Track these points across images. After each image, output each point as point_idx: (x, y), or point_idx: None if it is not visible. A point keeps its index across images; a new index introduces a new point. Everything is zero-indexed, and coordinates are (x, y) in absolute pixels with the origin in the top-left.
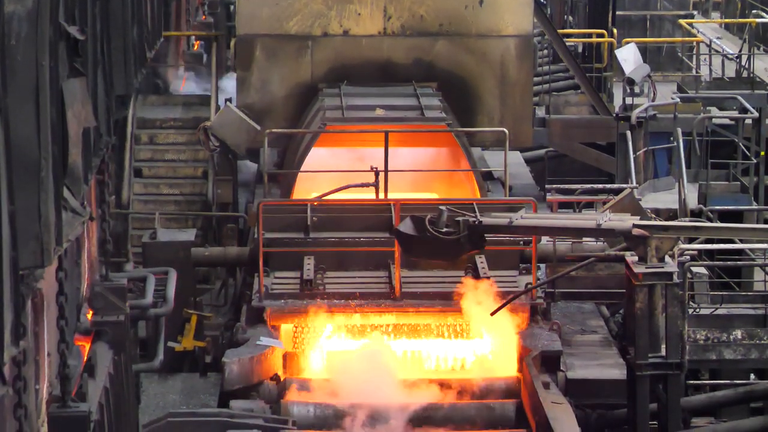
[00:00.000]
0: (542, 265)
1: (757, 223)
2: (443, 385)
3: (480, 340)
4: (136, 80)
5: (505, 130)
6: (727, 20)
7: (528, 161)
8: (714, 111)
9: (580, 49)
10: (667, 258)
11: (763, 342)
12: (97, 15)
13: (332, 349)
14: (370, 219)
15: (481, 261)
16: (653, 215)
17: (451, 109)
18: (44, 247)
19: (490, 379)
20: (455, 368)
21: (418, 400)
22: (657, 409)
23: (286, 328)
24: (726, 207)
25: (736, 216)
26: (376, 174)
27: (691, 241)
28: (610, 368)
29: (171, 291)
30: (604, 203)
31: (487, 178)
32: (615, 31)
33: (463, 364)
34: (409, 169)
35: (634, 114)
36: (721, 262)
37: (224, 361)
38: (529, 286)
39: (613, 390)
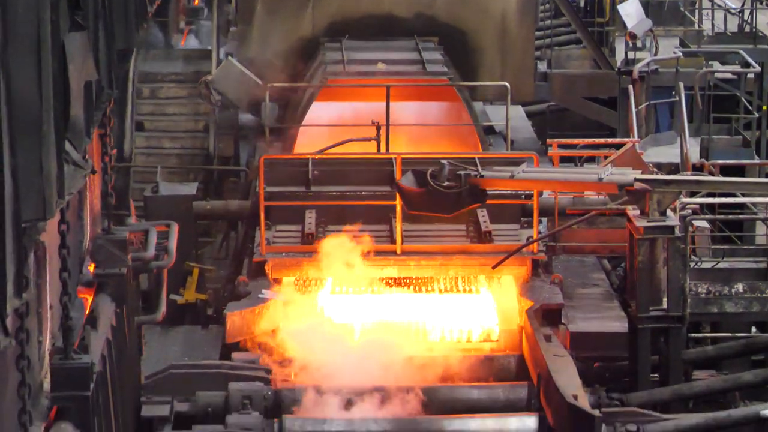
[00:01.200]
0: (544, 219)
1: (759, 177)
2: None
3: (481, 295)
4: (138, 34)
5: (506, 84)
6: None
7: (529, 115)
8: (716, 65)
9: (582, 4)
10: (669, 212)
11: (764, 295)
12: None
13: (335, 321)
14: (371, 173)
15: (482, 215)
16: (655, 169)
17: (453, 63)
18: (46, 200)
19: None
20: (461, 340)
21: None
22: (658, 362)
23: (287, 281)
24: (728, 161)
25: (738, 170)
26: (378, 128)
27: (692, 195)
28: (612, 321)
29: (173, 244)
30: (606, 157)
31: (488, 132)
32: None
33: (469, 336)
34: (410, 123)
35: (636, 68)
36: (722, 216)
37: (226, 313)
38: (531, 239)
39: (614, 343)
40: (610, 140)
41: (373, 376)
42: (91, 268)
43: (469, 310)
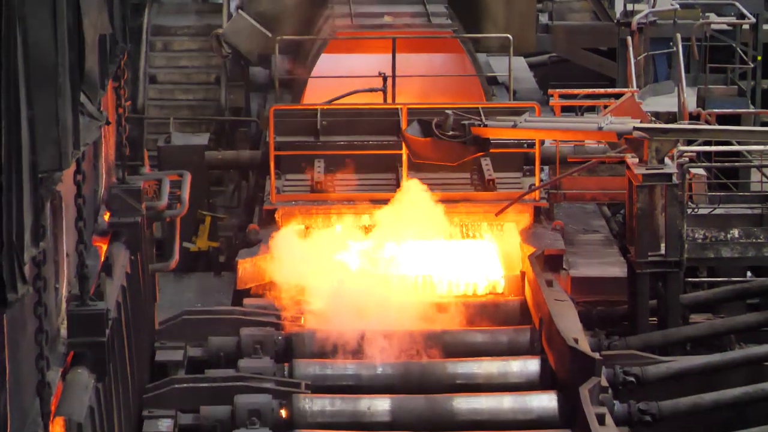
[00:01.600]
0: (545, 167)
1: (754, 125)
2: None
3: (485, 241)
4: None
5: (509, 36)
6: None
7: (532, 66)
8: (712, 17)
9: None
10: (667, 160)
11: (759, 240)
12: None
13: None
14: (378, 123)
15: (486, 163)
16: (653, 118)
17: (457, 15)
18: (62, 151)
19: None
20: (467, 293)
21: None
22: (656, 306)
23: (297, 228)
24: (724, 110)
25: (734, 119)
26: (384, 79)
27: (689, 143)
28: (612, 266)
29: (185, 193)
30: (606, 107)
31: (491, 83)
32: None
33: (475, 289)
34: (416, 74)
35: (635, 20)
36: (719, 164)
37: (237, 260)
38: (533, 187)
39: (614, 287)
40: (609, 90)
41: (380, 321)
42: (106, 217)
43: (474, 260)
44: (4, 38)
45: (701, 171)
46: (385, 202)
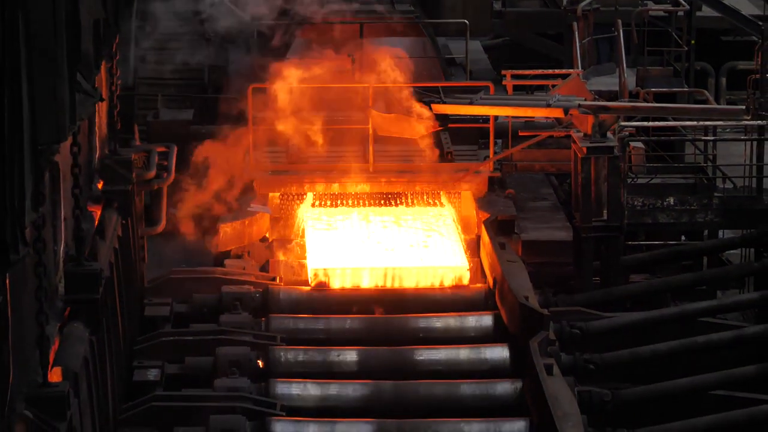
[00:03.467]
0: (499, 141)
1: (688, 103)
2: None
3: (443, 208)
4: None
5: (466, 21)
6: None
7: (486, 49)
8: (650, 4)
9: None
10: (609, 134)
11: (692, 207)
12: None
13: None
14: (347, 101)
15: (444, 137)
16: (596, 96)
17: (419, 2)
18: (60, 125)
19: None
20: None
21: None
22: (599, 266)
23: (273, 195)
24: (660, 89)
25: (670, 97)
26: (353, 61)
27: (629, 119)
28: (559, 231)
29: (172, 163)
30: (554, 86)
31: (450, 64)
32: None
33: (441, 281)
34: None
35: (580, 7)
36: (656, 138)
37: (219, 225)
38: (487, 158)
39: (561, 250)
40: (557, 71)
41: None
42: (100, 185)
43: (439, 250)
44: (8, 22)
45: (640, 144)
46: (354, 171)
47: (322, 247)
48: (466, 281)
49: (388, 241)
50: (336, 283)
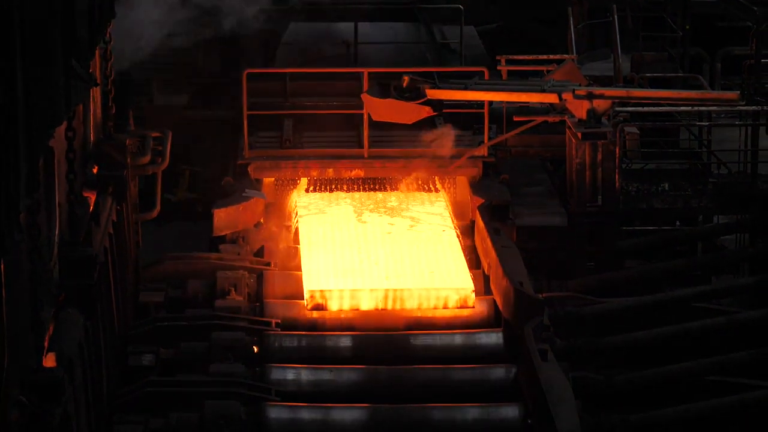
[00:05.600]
0: (493, 126)
1: (683, 89)
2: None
3: (436, 195)
4: None
5: (460, 6)
6: None
7: (481, 35)
8: None
9: None
10: (603, 119)
11: (686, 193)
12: None
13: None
14: (342, 86)
15: (439, 122)
16: (591, 81)
17: None
18: (55, 110)
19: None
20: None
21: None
22: (594, 252)
23: (267, 181)
24: (655, 74)
25: (664, 82)
26: (348, 46)
27: (624, 104)
28: (553, 216)
29: (166, 149)
30: (548, 71)
31: (444, 49)
32: None
33: (446, 302)
34: (377, 41)
35: None
36: (650, 123)
37: (213, 210)
38: (482, 143)
39: (555, 235)
40: (552, 56)
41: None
42: (95, 170)
43: (443, 273)
44: (4, 8)
45: (634, 129)
46: (348, 157)
47: (318, 265)
48: (471, 303)
49: (388, 262)
50: (334, 306)
